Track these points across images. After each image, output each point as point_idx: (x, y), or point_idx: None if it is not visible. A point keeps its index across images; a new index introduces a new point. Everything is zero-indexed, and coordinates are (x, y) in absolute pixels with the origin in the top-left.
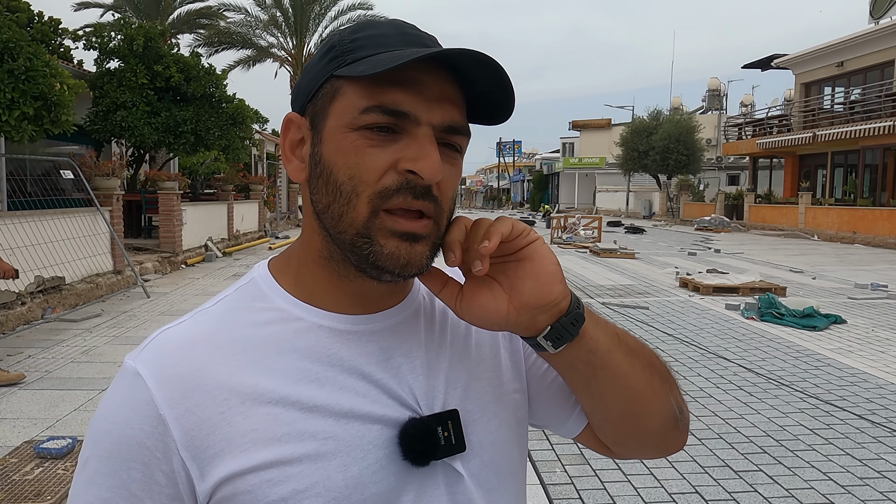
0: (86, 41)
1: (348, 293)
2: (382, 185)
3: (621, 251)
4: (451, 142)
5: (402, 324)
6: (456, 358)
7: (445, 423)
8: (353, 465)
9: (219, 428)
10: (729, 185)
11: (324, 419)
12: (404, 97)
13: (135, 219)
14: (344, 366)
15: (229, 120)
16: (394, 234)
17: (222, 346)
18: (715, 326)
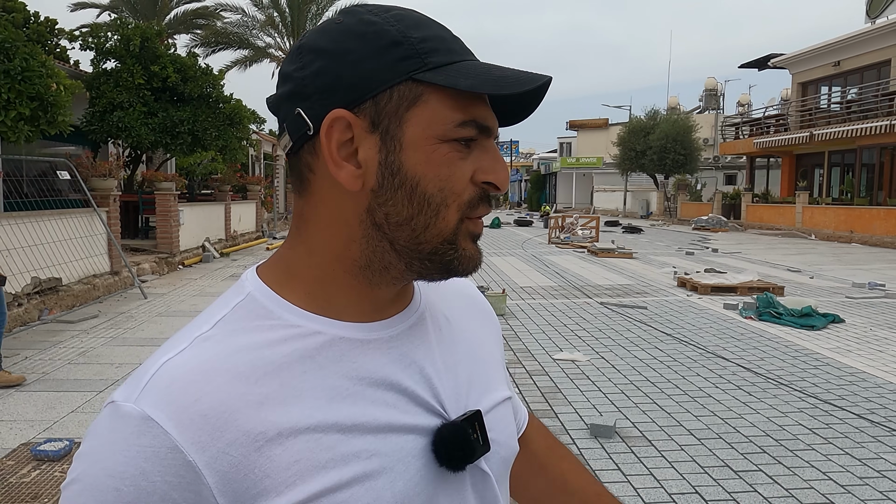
0: (82, 41)
1: (373, 300)
2: (469, 196)
3: (619, 251)
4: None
5: (415, 326)
6: (468, 356)
7: (474, 424)
8: (398, 479)
9: (258, 466)
10: (726, 185)
11: (364, 437)
12: (487, 112)
13: (132, 219)
14: (371, 378)
15: (226, 120)
16: (472, 238)
17: (242, 371)
18: (713, 326)
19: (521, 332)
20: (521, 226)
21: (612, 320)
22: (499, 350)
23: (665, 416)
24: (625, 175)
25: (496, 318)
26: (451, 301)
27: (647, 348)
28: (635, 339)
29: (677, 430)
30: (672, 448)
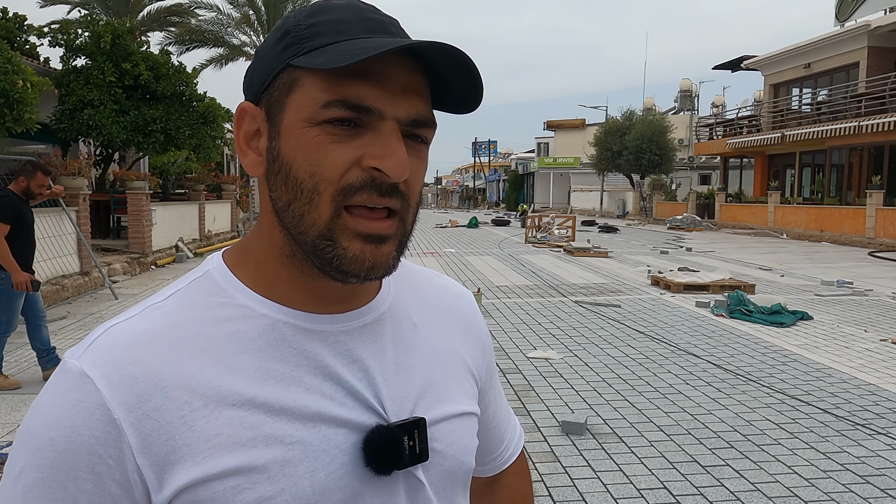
0: (52, 38)
1: (312, 291)
2: (345, 182)
3: (595, 250)
4: (418, 134)
5: (371, 325)
6: (427, 364)
7: (412, 431)
8: (320, 470)
9: (179, 433)
10: (700, 185)
11: (291, 422)
12: (368, 91)
13: (103, 219)
14: (310, 366)
15: (200, 119)
16: (358, 236)
17: (181, 344)
18: (685, 324)
19: (495, 330)
20: (498, 225)
21: (586, 319)
22: (475, 365)
23: (636, 412)
24: (601, 175)
25: (484, 334)
26: (427, 308)
27: (619, 346)
28: (609, 337)
29: (647, 427)
30: (642, 444)
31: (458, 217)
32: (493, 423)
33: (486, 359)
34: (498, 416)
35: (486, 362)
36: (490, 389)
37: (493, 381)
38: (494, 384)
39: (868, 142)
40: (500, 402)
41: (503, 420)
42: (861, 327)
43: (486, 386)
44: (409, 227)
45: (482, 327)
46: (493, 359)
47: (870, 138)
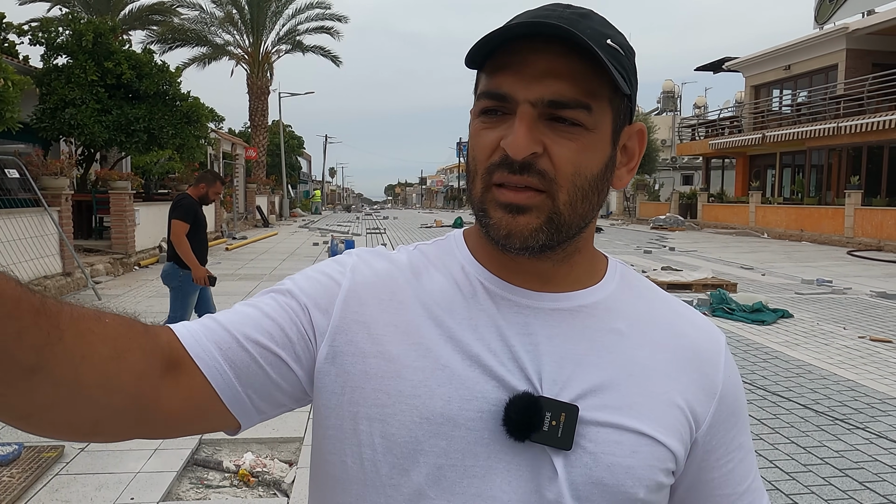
0: (32, 36)
1: (505, 262)
2: (490, 162)
3: None
4: (562, 116)
5: (563, 312)
6: (615, 370)
7: (558, 412)
8: (456, 401)
9: (370, 310)
10: (683, 185)
11: (453, 352)
12: (504, 79)
13: (85, 219)
14: (489, 322)
15: (184, 118)
16: (500, 206)
17: (411, 269)
18: None
19: None
20: None
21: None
22: (692, 406)
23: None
24: None
25: (719, 383)
26: (647, 325)
27: None
28: None
29: None
30: None
31: (443, 217)
32: (725, 489)
33: (719, 407)
34: (736, 484)
35: (717, 415)
36: (727, 447)
37: (737, 441)
38: (738, 446)
39: (847, 143)
40: (746, 472)
41: (747, 495)
42: (840, 325)
43: (717, 439)
44: (563, 206)
45: (721, 372)
46: (739, 424)
47: (848, 139)
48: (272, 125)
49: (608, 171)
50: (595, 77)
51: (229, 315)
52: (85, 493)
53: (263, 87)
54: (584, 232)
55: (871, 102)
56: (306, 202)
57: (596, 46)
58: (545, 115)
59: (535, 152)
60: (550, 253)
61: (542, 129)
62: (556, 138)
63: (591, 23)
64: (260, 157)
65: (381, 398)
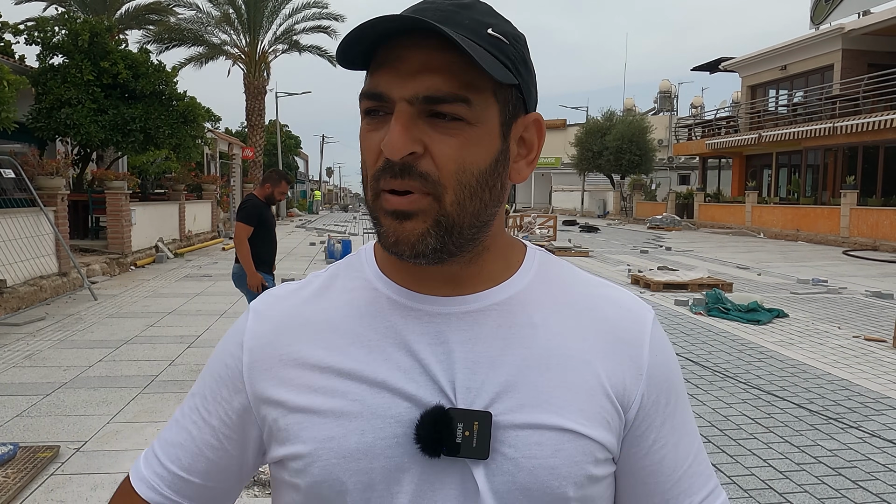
0: (28, 35)
1: (411, 271)
2: (376, 168)
3: (576, 250)
4: (442, 111)
5: (473, 314)
6: (528, 366)
7: (471, 422)
8: (370, 432)
9: (276, 366)
10: (680, 185)
11: (359, 384)
12: (381, 78)
13: (81, 219)
14: (395, 339)
15: (180, 118)
16: (387, 214)
17: (319, 297)
18: (664, 322)
19: None
20: None
21: None
22: (619, 388)
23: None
24: (582, 175)
25: (646, 359)
26: (564, 312)
27: None
28: None
29: None
30: None
31: None
32: (658, 476)
33: (648, 388)
34: (670, 471)
35: (647, 392)
36: (658, 431)
37: (669, 423)
38: (671, 428)
39: (842, 142)
40: (683, 456)
41: (684, 480)
42: (835, 324)
43: (647, 423)
44: (450, 207)
45: (647, 351)
46: (672, 403)
47: (844, 139)
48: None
49: (500, 166)
50: (473, 69)
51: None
52: (80, 493)
53: (260, 87)
54: (490, 229)
55: (867, 103)
56: (303, 202)
57: (474, 37)
58: (424, 112)
59: (413, 152)
60: (452, 257)
61: (421, 127)
62: (437, 136)
63: (471, 13)
64: (257, 157)
65: (300, 448)
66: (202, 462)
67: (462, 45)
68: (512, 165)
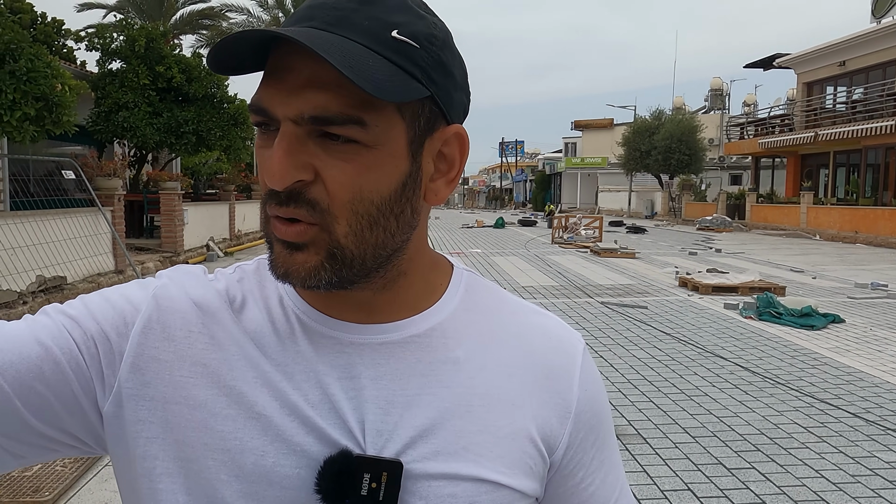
0: (88, 42)
1: (324, 295)
2: (267, 190)
3: (622, 251)
4: (334, 132)
5: (390, 346)
6: (448, 407)
7: (379, 472)
8: (270, 455)
9: (178, 340)
10: (731, 185)
11: (270, 398)
12: (266, 91)
13: (136, 219)
14: (305, 366)
15: (231, 120)
16: (278, 241)
17: (228, 298)
18: (713, 326)
19: None
20: (524, 226)
21: (612, 320)
22: (545, 432)
23: (661, 414)
24: (629, 175)
25: (574, 396)
26: (490, 346)
27: (646, 347)
28: (634, 338)
29: (672, 428)
30: (667, 446)
31: (484, 217)
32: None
33: (576, 426)
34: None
35: (575, 431)
36: (587, 469)
37: (598, 458)
38: (599, 463)
39: None
40: (610, 490)
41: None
42: (895, 331)
43: (574, 461)
44: (344, 238)
45: (577, 385)
46: (600, 440)
47: None
48: None
49: (408, 190)
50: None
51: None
52: None
53: None
54: (403, 254)
55: None
56: None
57: (373, 43)
58: (314, 132)
59: (301, 180)
60: (360, 283)
61: (311, 150)
62: (329, 160)
63: (375, 10)
64: None
65: (185, 452)
66: (28, 370)
67: (336, 65)
68: (428, 185)
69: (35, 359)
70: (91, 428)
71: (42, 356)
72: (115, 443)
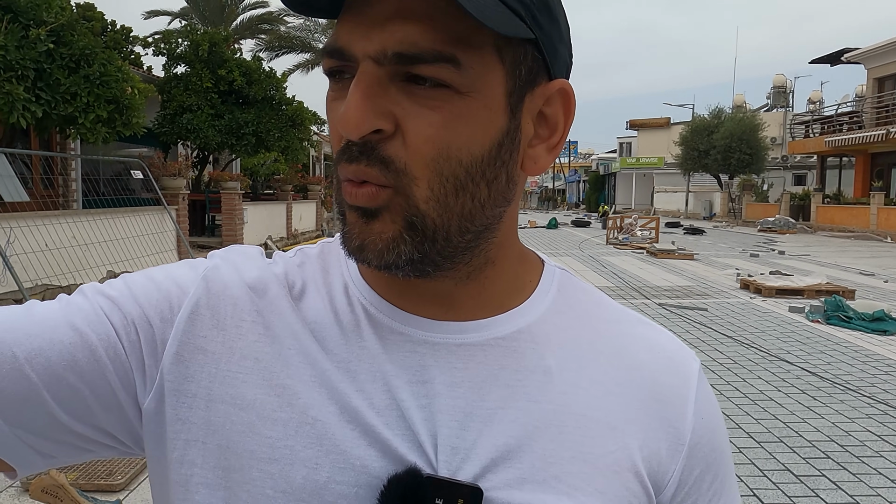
0: (155, 48)
1: (393, 283)
2: (339, 148)
3: (679, 252)
4: (421, 74)
5: (471, 348)
6: (538, 427)
7: (454, 499)
8: (324, 468)
9: (229, 330)
10: (795, 185)
11: (327, 401)
12: (343, 27)
13: (199, 217)
14: (371, 364)
15: (289, 122)
16: (350, 209)
17: (287, 284)
18: (777, 329)
19: None
20: (578, 226)
21: (670, 322)
22: (650, 463)
23: (724, 418)
24: (687, 175)
25: (688, 426)
26: (589, 357)
27: (706, 350)
28: (694, 340)
29: (736, 433)
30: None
31: (537, 218)
32: None
33: (689, 462)
34: None
35: (689, 467)
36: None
37: (715, 502)
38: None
39: None
40: None
41: None
42: None
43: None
44: (424, 204)
45: (691, 413)
46: (719, 475)
47: None
48: None
49: (504, 152)
50: (467, 17)
51: (12, 317)
52: None
53: None
54: (494, 236)
55: None
56: None
57: None
58: (398, 74)
59: (378, 129)
60: (442, 269)
61: (393, 95)
62: (414, 108)
63: None
64: None
65: (228, 459)
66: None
67: None
68: (526, 151)
69: (68, 345)
70: (129, 426)
71: (76, 343)
72: (153, 444)
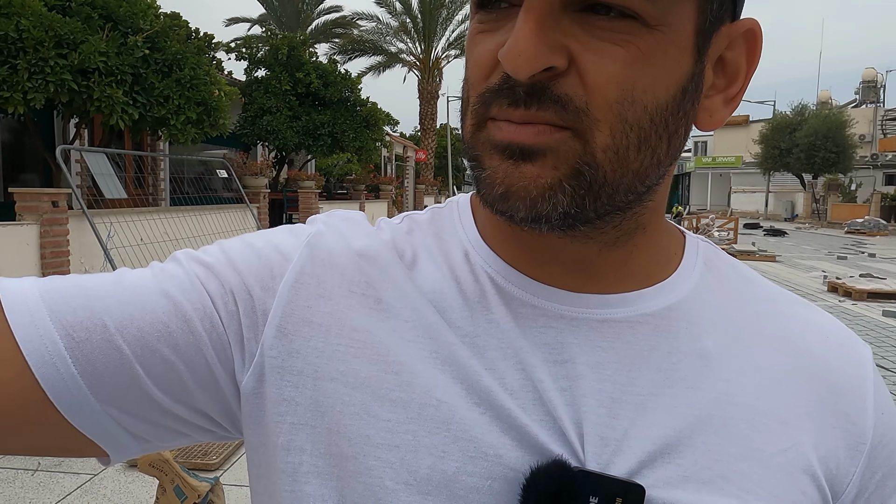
0: (237, 53)
1: (525, 246)
2: (486, 87)
3: (760, 253)
4: (603, 3)
5: (616, 324)
6: (699, 418)
7: (610, 497)
8: (453, 457)
9: (338, 300)
10: (886, 185)
11: (453, 381)
12: None
13: (277, 215)
14: (501, 341)
15: (363, 122)
16: (496, 149)
17: (397, 253)
18: (870, 334)
19: None
20: None
21: None
22: (827, 465)
23: None
24: (767, 175)
25: (868, 422)
26: (751, 341)
27: None
28: None
29: None
30: None
31: None
32: None
33: (871, 464)
34: None
35: (870, 470)
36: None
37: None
38: None
39: None
40: None
41: None
42: None
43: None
44: (602, 153)
45: (870, 409)
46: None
47: None
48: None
49: (688, 100)
50: None
51: (102, 284)
52: None
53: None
54: (651, 199)
55: None
56: None
57: None
58: (574, 2)
59: (551, 67)
60: (591, 229)
61: (566, 27)
62: (593, 42)
63: None
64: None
65: (339, 446)
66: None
67: None
68: (702, 102)
69: (161, 315)
70: (226, 407)
71: (169, 311)
72: (252, 428)
